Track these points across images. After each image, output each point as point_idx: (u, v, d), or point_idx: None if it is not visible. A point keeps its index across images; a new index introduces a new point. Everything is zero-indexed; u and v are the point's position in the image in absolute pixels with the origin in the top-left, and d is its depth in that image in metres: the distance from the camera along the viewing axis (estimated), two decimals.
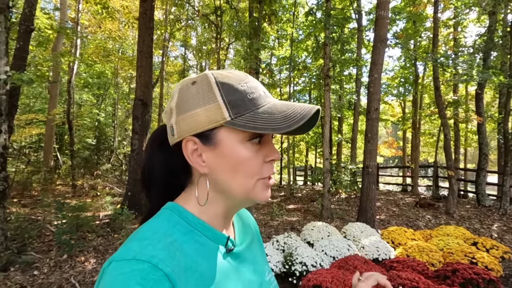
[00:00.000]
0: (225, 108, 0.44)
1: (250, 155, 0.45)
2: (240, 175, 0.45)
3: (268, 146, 0.48)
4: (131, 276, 0.35)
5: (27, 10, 5.54)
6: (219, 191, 0.48)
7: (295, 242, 3.67)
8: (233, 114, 0.43)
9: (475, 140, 11.95)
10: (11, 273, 3.05)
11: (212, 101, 0.44)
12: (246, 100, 0.44)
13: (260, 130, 0.42)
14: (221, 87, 0.45)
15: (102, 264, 2.53)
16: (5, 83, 3.10)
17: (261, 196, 0.47)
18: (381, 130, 18.44)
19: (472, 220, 6.11)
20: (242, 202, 0.50)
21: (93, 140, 12.87)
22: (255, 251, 0.58)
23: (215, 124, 0.44)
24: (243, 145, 0.45)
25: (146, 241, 0.41)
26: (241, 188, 0.46)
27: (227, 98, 0.44)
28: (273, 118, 0.43)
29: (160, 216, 0.47)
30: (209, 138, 0.45)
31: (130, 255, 0.38)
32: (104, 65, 13.66)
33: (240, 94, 0.45)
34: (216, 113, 0.44)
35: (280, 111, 0.44)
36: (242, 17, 9.12)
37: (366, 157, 5.36)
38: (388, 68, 13.44)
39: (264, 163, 0.47)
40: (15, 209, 5.36)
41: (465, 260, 3.28)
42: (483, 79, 6.21)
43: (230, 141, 0.45)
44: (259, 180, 0.47)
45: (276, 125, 0.42)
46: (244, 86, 0.46)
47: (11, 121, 5.34)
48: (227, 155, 0.45)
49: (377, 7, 5.49)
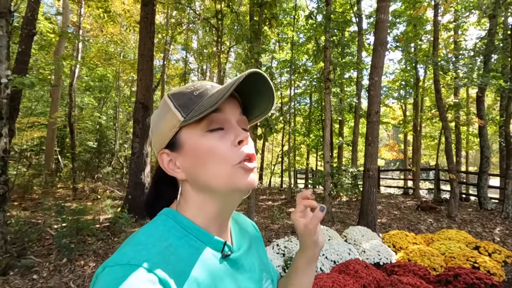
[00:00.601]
0: (178, 111, 0.47)
1: (213, 143, 0.46)
2: (211, 165, 0.46)
3: (233, 130, 0.47)
4: (124, 282, 0.35)
5: (29, 14, 5.59)
6: (202, 191, 0.48)
7: (295, 246, 3.64)
8: (184, 113, 0.46)
9: (476, 143, 11.92)
10: (10, 277, 3.04)
11: (168, 112, 0.48)
12: (193, 97, 0.47)
13: (202, 113, 0.44)
14: (172, 97, 0.49)
15: None
16: (6, 87, 3.11)
17: (242, 182, 0.46)
18: (382, 133, 18.44)
19: (474, 224, 6.07)
20: (228, 196, 0.48)
21: (94, 143, 12.90)
22: (253, 257, 0.57)
23: (175, 128, 0.47)
24: (203, 137, 0.46)
25: (141, 245, 0.41)
26: (218, 178, 0.46)
27: (177, 103, 0.48)
28: (212, 98, 0.45)
29: (156, 221, 0.47)
30: (175, 144, 0.48)
31: (124, 260, 0.38)
32: (105, 69, 13.72)
33: (187, 95, 0.48)
34: (173, 119, 0.47)
35: (218, 90, 0.46)
36: (243, 21, 9.17)
37: (367, 160, 5.34)
38: (388, 71, 13.45)
39: (234, 147, 0.46)
40: (16, 213, 5.37)
41: (467, 264, 3.25)
42: (483, 83, 6.21)
43: (191, 138, 0.47)
44: (235, 166, 0.46)
45: (213, 101, 0.44)
46: (191, 88, 0.49)
47: (12, 124, 5.37)
48: (193, 152, 0.47)
49: (377, 11, 5.51)
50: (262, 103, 0.52)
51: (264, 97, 0.51)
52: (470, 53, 7.74)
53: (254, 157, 0.48)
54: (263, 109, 0.53)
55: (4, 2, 3.05)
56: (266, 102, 0.52)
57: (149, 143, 6.16)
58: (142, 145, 5.91)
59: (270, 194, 10.67)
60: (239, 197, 0.50)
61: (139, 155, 5.87)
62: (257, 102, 0.52)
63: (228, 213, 0.52)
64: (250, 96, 0.52)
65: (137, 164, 5.87)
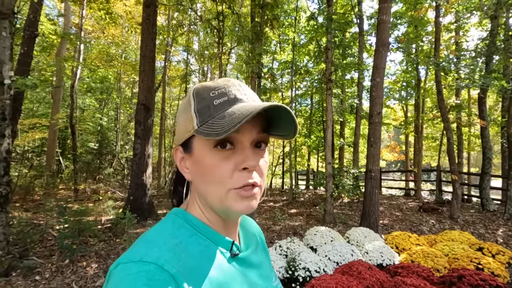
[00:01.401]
0: (195, 117, 0.45)
1: (216, 163, 0.44)
2: (210, 183, 0.45)
3: (243, 152, 0.45)
4: (137, 277, 0.36)
5: (31, 16, 5.61)
6: (201, 197, 0.49)
7: (298, 247, 3.63)
8: (199, 122, 0.44)
9: (478, 144, 11.90)
10: (13, 278, 3.04)
11: (189, 111, 0.46)
12: (211, 107, 0.44)
13: (208, 136, 0.41)
14: (195, 97, 0.47)
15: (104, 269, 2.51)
16: (9, 88, 3.12)
17: (236, 207, 0.44)
18: (383, 134, 18.41)
19: (477, 225, 6.04)
20: (222, 212, 0.47)
21: (95, 145, 12.93)
22: (261, 257, 0.58)
23: (189, 133, 0.46)
24: (209, 152, 0.45)
25: (152, 243, 0.42)
26: (213, 196, 0.45)
27: (197, 107, 0.45)
28: (223, 121, 0.41)
29: (166, 220, 0.48)
30: (188, 146, 0.48)
31: (137, 257, 0.39)
32: (107, 70, 13.75)
33: (207, 101, 0.45)
34: (190, 122, 0.46)
35: (230, 114, 0.42)
36: (244, 22, 9.19)
37: (368, 161, 5.33)
38: (390, 72, 13.45)
39: (237, 171, 0.44)
40: (18, 214, 5.37)
41: (471, 266, 3.23)
42: (485, 84, 6.20)
43: (200, 148, 0.46)
44: (232, 190, 0.44)
45: (220, 129, 0.40)
46: (216, 92, 0.45)
47: (15, 126, 5.38)
48: (198, 163, 0.46)
49: (379, 12, 5.51)
50: (285, 127, 0.47)
51: (286, 123, 0.46)
52: (471, 54, 7.73)
53: (256, 185, 0.45)
54: (287, 132, 0.48)
55: (8, 4, 3.06)
56: (289, 127, 0.47)
57: (150, 144, 6.16)
58: (143, 146, 5.91)
59: (271, 195, 10.66)
60: (238, 214, 0.49)
61: (141, 156, 5.87)
62: (282, 124, 0.48)
63: (232, 219, 0.52)
64: (273, 116, 0.47)
65: (138, 165, 5.87)
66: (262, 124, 0.47)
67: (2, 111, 3.07)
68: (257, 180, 0.46)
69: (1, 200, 3.05)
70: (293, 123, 0.45)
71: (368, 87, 10.72)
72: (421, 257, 3.51)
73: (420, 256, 3.54)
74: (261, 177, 0.47)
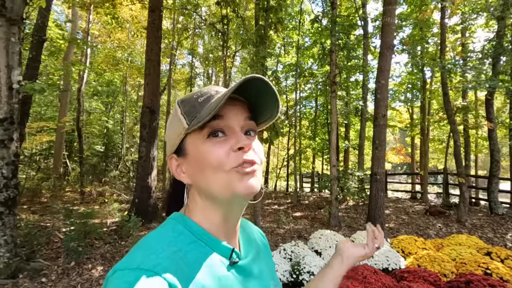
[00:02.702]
0: (184, 119, 0.47)
1: (210, 149, 0.46)
2: (208, 171, 0.46)
3: (235, 136, 0.47)
4: (134, 285, 0.36)
5: (40, 22, 5.72)
6: (205, 196, 0.49)
7: (302, 250, 3.61)
8: (188, 121, 0.47)
9: (486, 146, 11.72)
10: (20, 280, 3.08)
11: (176, 119, 0.49)
12: (196, 104, 0.48)
13: (202, 121, 0.44)
14: (181, 104, 0.50)
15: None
16: (18, 93, 3.17)
17: (240, 186, 0.45)
18: (388, 136, 18.27)
19: (485, 229, 5.94)
20: (229, 202, 0.48)
21: (101, 147, 13.06)
22: (261, 265, 0.57)
23: (181, 136, 0.49)
24: (204, 144, 0.46)
25: (150, 250, 0.42)
26: (217, 184, 0.46)
27: (184, 110, 0.48)
28: (211, 105, 0.45)
29: (165, 226, 0.48)
30: (181, 150, 0.50)
31: (134, 264, 0.39)
32: (113, 74, 13.92)
33: (192, 102, 0.48)
34: (179, 127, 0.48)
35: (213, 102, 0.46)
36: (249, 25, 9.23)
37: (374, 164, 5.29)
38: (395, 74, 13.37)
39: (232, 152, 0.46)
40: (25, 216, 5.44)
41: (479, 270, 3.17)
42: (491, 86, 6.12)
43: (194, 145, 0.47)
44: (230, 170, 0.45)
45: (212, 108, 0.44)
46: (197, 94, 0.49)
47: (23, 129, 5.47)
48: (195, 158, 0.47)
49: (383, 14, 5.50)
50: (269, 107, 0.51)
51: (269, 101, 0.50)
52: (478, 56, 7.65)
53: (254, 162, 0.46)
54: (271, 113, 0.52)
55: (17, 10, 3.12)
56: (272, 105, 0.50)
57: (156, 147, 6.20)
58: (149, 149, 5.95)
59: (275, 198, 10.63)
60: (242, 203, 0.50)
61: (146, 159, 5.91)
62: (265, 106, 0.51)
63: (234, 219, 0.52)
64: (256, 100, 0.50)
65: (144, 168, 5.91)
66: (248, 112, 0.50)
67: (11, 115, 3.12)
68: (255, 158, 0.47)
69: (9, 203, 3.09)
70: (275, 98, 0.48)
71: (373, 89, 10.68)
72: (428, 262, 3.46)
73: (426, 261, 3.49)
74: (258, 157, 0.48)
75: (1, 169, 3.05)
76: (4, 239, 3.04)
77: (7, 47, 3.06)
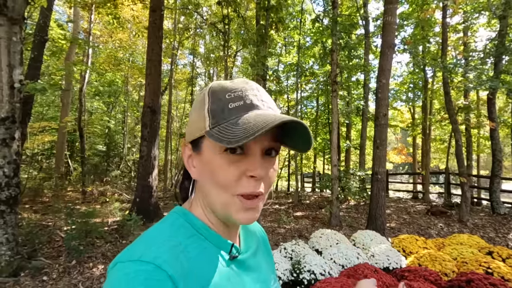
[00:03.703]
0: (208, 117, 0.44)
1: (223, 166, 0.43)
2: (215, 185, 0.44)
3: (252, 159, 0.44)
4: (135, 277, 0.36)
5: (41, 22, 5.74)
6: (206, 198, 0.48)
7: (303, 249, 3.61)
8: (211, 124, 0.43)
9: (488, 146, 11.66)
10: (21, 278, 3.09)
11: (202, 110, 0.45)
12: (226, 110, 0.43)
13: (219, 142, 0.40)
14: (211, 96, 0.45)
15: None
16: (19, 92, 3.19)
17: (237, 216, 0.44)
18: (390, 136, 18.21)
19: (487, 229, 5.92)
20: (222, 217, 0.47)
21: (103, 147, 13.10)
22: (260, 260, 0.57)
23: (200, 133, 0.45)
24: (219, 155, 0.44)
25: (151, 242, 0.42)
26: (216, 200, 0.45)
27: (211, 108, 0.44)
28: (236, 129, 0.40)
29: (167, 219, 0.48)
30: (197, 145, 0.47)
31: (135, 256, 0.39)
32: (114, 74, 13.97)
33: (222, 103, 0.44)
34: (202, 122, 0.44)
35: (245, 122, 0.41)
36: (249, 25, 9.23)
37: (375, 163, 5.28)
38: (396, 73, 13.33)
39: (244, 176, 0.43)
40: (27, 215, 5.46)
41: (480, 270, 3.16)
42: (492, 87, 6.09)
43: (210, 150, 0.45)
44: (235, 197, 0.44)
45: (231, 138, 0.39)
46: (232, 95, 0.44)
47: (24, 129, 5.49)
48: (206, 163, 0.45)
49: (385, 13, 5.49)
50: (298, 139, 0.46)
51: (301, 136, 0.46)
52: (480, 55, 7.62)
53: (260, 195, 0.45)
54: (300, 146, 0.47)
55: (18, 9, 3.14)
56: (303, 141, 0.46)
57: (157, 146, 6.21)
58: (150, 148, 5.96)
59: (276, 198, 10.62)
60: (235, 222, 0.47)
61: (147, 158, 5.92)
62: (294, 137, 0.47)
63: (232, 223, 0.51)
64: (290, 126, 0.45)
65: (145, 167, 5.92)
66: (276, 131, 0.46)
67: (12, 114, 3.14)
68: (262, 190, 0.45)
69: (11, 202, 3.11)
70: (309, 139, 0.45)
71: (374, 89, 10.66)
72: (429, 261, 3.45)
73: (427, 260, 3.48)
74: (268, 187, 0.46)
75: (3, 168, 3.06)
76: (6, 237, 3.05)
77: (9, 47, 3.08)
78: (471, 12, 8.65)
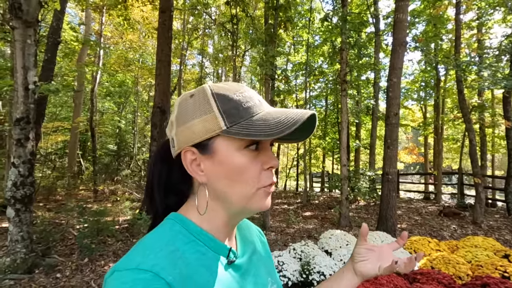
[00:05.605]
0: (221, 117, 0.44)
1: (247, 162, 0.45)
2: (238, 183, 0.46)
3: (266, 153, 0.48)
4: (133, 286, 0.36)
5: (54, 24, 5.87)
6: (218, 199, 0.48)
7: (312, 250, 3.58)
8: (228, 123, 0.44)
9: (503, 145, 11.34)
10: (36, 275, 3.17)
11: (209, 112, 0.45)
12: (241, 109, 0.45)
13: (253, 137, 0.42)
14: (217, 98, 0.46)
15: None
16: (33, 93, 3.26)
17: (260, 204, 0.48)
18: (401, 135, 17.92)
19: (502, 231, 5.75)
20: (241, 211, 0.49)
21: (114, 147, 13.31)
22: (258, 263, 0.57)
23: (212, 133, 0.45)
24: (239, 153, 0.45)
25: (148, 250, 0.42)
26: (239, 196, 0.46)
27: (222, 108, 0.45)
28: (266, 124, 0.43)
29: (163, 226, 0.48)
30: (207, 148, 0.46)
31: (133, 264, 0.39)
32: (125, 74, 14.17)
33: (235, 103, 0.45)
34: (212, 123, 0.45)
35: (274, 117, 0.44)
36: (258, 25, 9.22)
37: (385, 163, 5.20)
38: (407, 72, 13.09)
39: (263, 170, 0.47)
40: (41, 213, 5.60)
41: (496, 273, 3.07)
42: (507, 86, 5.91)
43: (227, 149, 0.45)
44: (260, 189, 0.47)
45: (269, 131, 0.42)
46: (240, 96, 0.46)
47: (39, 129, 5.63)
48: (224, 163, 0.45)
49: (396, 11, 5.39)
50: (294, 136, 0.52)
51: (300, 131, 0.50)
52: (495, 52, 7.41)
53: (274, 182, 0.50)
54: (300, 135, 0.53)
55: (32, 13, 3.21)
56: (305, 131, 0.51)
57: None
58: None
59: (285, 198, 10.59)
60: (249, 214, 0.51)
61: None
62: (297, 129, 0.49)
63: (235, 223, 0.53)
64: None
65: None
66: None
67: (27, 115, 3.21)
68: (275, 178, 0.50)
69: (26, 200, 3.19)
70: (312, 130, 0.51)
71: (384, 88, 10.49)
72: (442, 264, 3.38)
73: (440, 262, 3.40)
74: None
75: (18, 167, 3.14)
76: (21, 235, 3.13)
77: (23, 49, 3.15)
78: (485, 8, 8.41)
